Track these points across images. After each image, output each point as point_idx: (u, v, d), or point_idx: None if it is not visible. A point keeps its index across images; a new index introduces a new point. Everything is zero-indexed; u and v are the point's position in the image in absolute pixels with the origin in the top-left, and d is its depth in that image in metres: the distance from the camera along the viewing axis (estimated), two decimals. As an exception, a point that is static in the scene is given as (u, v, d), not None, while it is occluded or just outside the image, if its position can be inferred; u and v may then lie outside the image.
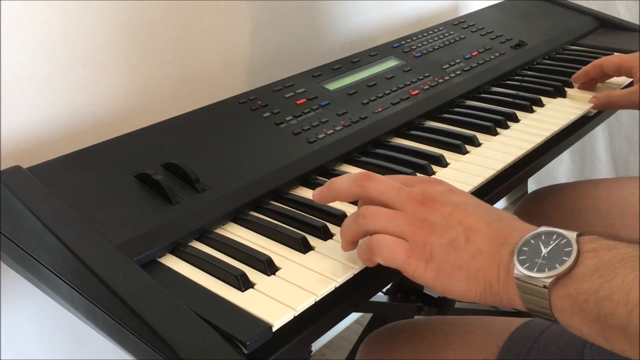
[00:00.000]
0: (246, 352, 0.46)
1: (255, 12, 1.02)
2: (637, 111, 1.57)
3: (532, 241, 0.46)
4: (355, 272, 0.55)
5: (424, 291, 1.25)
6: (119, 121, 0.87)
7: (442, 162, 0.73)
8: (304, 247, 0.58)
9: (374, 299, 1.16)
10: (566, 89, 0.95)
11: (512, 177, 0.74)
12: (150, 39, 0.89)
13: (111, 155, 0.67)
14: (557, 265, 0.44)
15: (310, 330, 0.51)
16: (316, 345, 1.47)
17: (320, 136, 0.75)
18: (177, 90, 0.94)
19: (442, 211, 0.51)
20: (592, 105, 0.87)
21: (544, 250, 0.45)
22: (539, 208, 0.98)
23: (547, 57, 1.08)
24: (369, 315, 1.23)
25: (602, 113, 0.92)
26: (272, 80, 0.86)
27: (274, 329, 0.48)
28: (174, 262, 0.57)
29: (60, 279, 0.55)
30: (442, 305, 1.21)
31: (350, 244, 0.54)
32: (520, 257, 0.46)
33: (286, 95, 0.82)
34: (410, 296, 1.23)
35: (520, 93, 0.93)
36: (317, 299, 0.52)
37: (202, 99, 0.80)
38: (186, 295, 0.52)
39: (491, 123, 0.82)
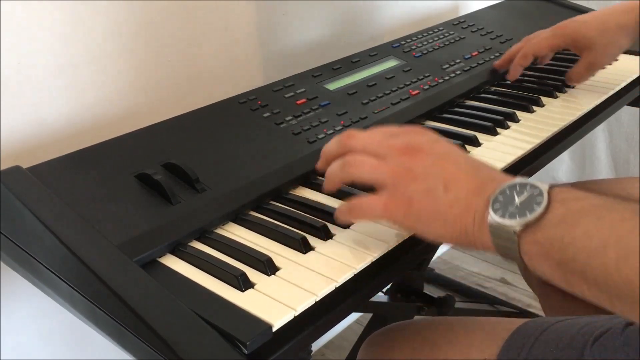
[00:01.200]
0: (246, 352, 0.46)
1: (255, 12, 1.02)
2: (638, 111, 1.57)
3: (507, 191, 0.49)
4: (355, 272, 0.55)
5: (424, 291, 1.25)
6: (119, 121, 0.87)
7: (442, 162, 0.73)
8: (304, 247, 0.58)
9: (374, 299, 1.16)
10: (566, 89, 0.95)
11: (512, 177, 0.74)
12: (150, 39, 0.89)
13: (111, 155, 0.67)
14: (527, 213, 0.46)
15: (310, 330, 0.51)
16: (316, 345, 1.47)
17: (320, 136, 0.75)
18: (177, 90, 0.94)
19: (424, 160, 0.53)
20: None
21: (517, 200, 0.48)
22: None
23: (547, 57, 1.08)
24: (369, 315, 1.23)
25: (602, 112, 0.92)
26: (272, 80, 0.86)
27: (274, 329, 0.48)
28: (174, 262, 0.57)
29: (60, 279, 0.55)
30: (442, 305, 1.21)
31: (334, 188, 0.58)
32: (495, 205, 0.48)
33: (286, 95, 0.82)
34: (410, 296, 1.23)
35: (520, 93, 0.93)
36: (317, 299, 0.52)
37: (202, 99, 0.80)
38: (186, 295, 0.52)
39: (491, 123, 0.82)
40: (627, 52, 1.08)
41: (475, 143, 0.78)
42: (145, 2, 0.87)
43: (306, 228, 0.61)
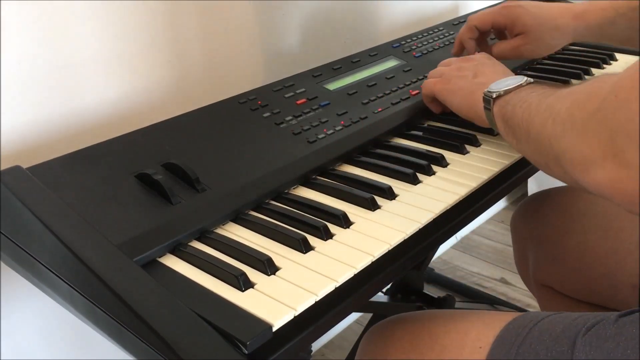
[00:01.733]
0: (246, 352, 0.46)
1: (255, 12, 1.02)
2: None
3: (505, 80, 0.69)
4: (356, 272, 0.55)
5: (424, 291, 1.25)
6: (119, 121, 0.87)
7: (442, 162, 0.73)
8: (304, 247, 0.58)
9: (374, 299, 1.17)
10: (566, 89, 0.95)
11: (512, 177, 0.74)
12: (150, 39, 0.89)
13: (111, 155, 0.67)
14: (501, 87, 0.68)
15: (310, 330, 0.51)
16: (316, 345, 1.47)
17: (320, 136, 0.75)
18: (177, 90, 0.94)
19: (470, 63, 0.80)
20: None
21: (506, 82, 0.69)
22: (538, 211, 0.99)
23: (547, 57, 1.08)
24: (369, 315, 1.23)
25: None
26: (272, 80, 0.86)
27: (274, 329, 0.48)
28: (174, 262, 0.57)
29: (60, 279, 0.55)
30: (442, 305, 1.21)
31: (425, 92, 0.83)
32: (492, 86, 0.69)
33: (286, 95, 0.82)
34: (410, 296, 1.23)
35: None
36: (317, 299, 0.52)
37: (202, 99, 0.80)
38: (186, 295, 0.52)
39: (491, 123, 0.82)
40: (627, 52, 1.08)
41: (475, 143, 0.78)
42: (145, 2, 0.87)
43: (306, 228, 0.61)
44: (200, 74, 0.97)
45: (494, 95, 0.68)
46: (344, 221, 0.62)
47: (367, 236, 0.60)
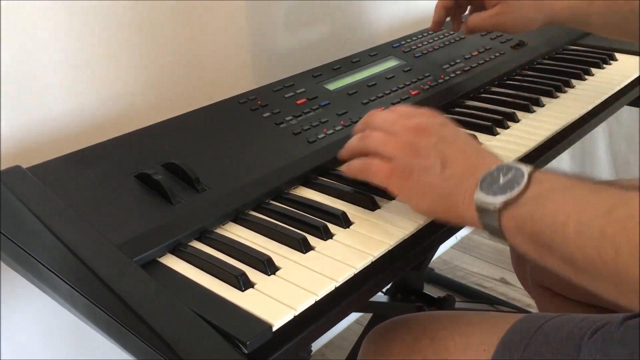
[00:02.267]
0: (246, 351, 0.46)
1: (255, 12, 1.02)
2: (638, 111, 1.57)
3: (495, 172, 0.54)
4: (356, 272, 0.55)
5: (424, 291, 1.25)
6: (119, 121, 0.87)
7: (442, 162, 0.73)
8: (304, 247, 0.58)
9: (374, 299, 1.16)
10: (566, 88, 0.95)
11: (512, 177, 0.74)
12: (151, 39, 0.89)
13: (111, 155, 0.67)
14: (508, 191, 0.52)
15: (310, 330, 0.51)
16: (316, 345, 1.47)
17: (320, 136, 0.75)
18: (177, 90, 0.94)
19: (428, 139, 0.60)
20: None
21: (502, 180, 0.53)
22: None
23: (547, 57, 1.08)
24: (369, 315, 1.23)
25: (602, 112, 0.92)
26: (272, 80, 0.86)
27: (274, 329, 0.48)
28: (174, 262, 0.57)
29: (60, 279, 0.55)
30: (442, 305, 1.21)
31: (349, 156, 0.65)
32: (482, 185, 0.54)
33: (286, 95, 0.82)
34: (410, 296, 1.23)
35: (520, 93, 0.92)
36: (317, 299, 0.52)
37: (202, 99, 0.80)
38: (186, 295, 0.52)
39: (491, 123, 0.82)
40: (627, 52, 1.08)
41: (475, 143, 0.78)
42: (145, 2, 0.87)
43: (306, 228, 0.61)
44: (200, 73, 0.97)
45: (498, 206, 0.52)
46: (344, 221, 0.62)
47: (367, 236, 0.60)
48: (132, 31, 0.86)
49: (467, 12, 0.95)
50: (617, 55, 1.08)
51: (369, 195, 0.65)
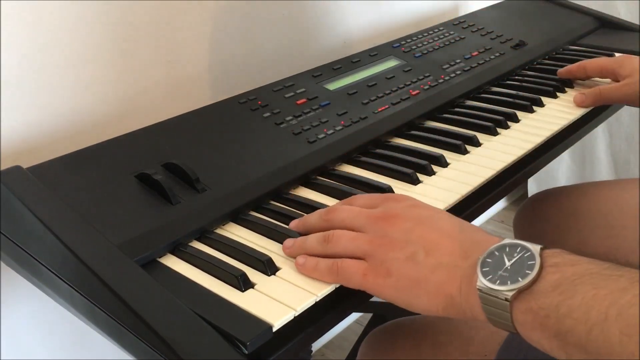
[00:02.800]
0: (246, 352, 0.46)
1: (254, 12, 1.02)
2: (638, 111, 1.57)
3: (496, 253, 0.47)
4: (355, 272, 0.55)
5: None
6: (119, 121, 0.87)
7: (442, 162, 0.73)
8: (304, 247, 0.58)
9: (374, 299, 1.16)
10: (566, 89, 0.95)
11: (512, 177, 0.74)
12: (150, 39, 0.89)
13: (111, 155, 0.67)
14: (519, 279, 0.44)
15: (310, 330, 0.51)
16: (316, 345, 1.47)
17: (321, 136, 0.75)
18: (176, 90, 0.94)
19: (402, 226, 0.51)
20: (579, 103, 0.88)
21: (508, 263, 0.45)
22: (540, 212, 0.99)
23: (547, 57, 1.08)
24: (369, 315, 1.23)
25: (602, 113, 0.92)
26: (272, 80, 0.86)
27: (274, 329, 0.48)
28: (174, 262, 0.57)
29: (60, 279, 0.55)
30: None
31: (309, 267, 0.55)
32: (484, 269, 0.46)
33: (286, 95, 0.82)
34: (410, 296, 1.22)
35: (521, 93, 0.93)
36: (317, 299, 0.52)
37: (202, 99, 0.80)
38: (186, 295, 0.52)
39: (491, 123, 0.82)
40: (627, 52, 1.08)
41: (475, 143, 0.78)
42: (145, 2, 0.87)
43: (306, 228, 0.61)
44: (200, 73, 0.97)
45: (509, 297, 0.44)
46: (344, 221, 0.62)
47: (367, 236, 0.60)
48: (132, 31, 0.86)
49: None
50: (618, 55, 1.08)
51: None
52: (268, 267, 0.55)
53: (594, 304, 0.41)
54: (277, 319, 0.49)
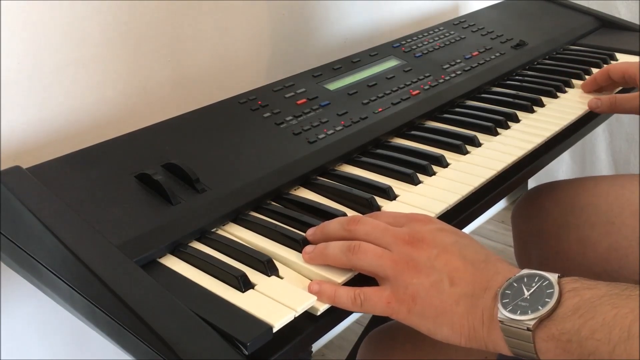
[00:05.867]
0: (247, 352, 0.46)
1: (255, 12, 1.02)
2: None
3: (515, 284, 0.47)
4: (356, 273, 0.55)
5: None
6: (119, 121, 0.87)
7: (442, 163, 0.73)
8: (304, 247, 0.58)
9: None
10: (567, 88, 0.95)
11: (513, 177, 0.74)
12: (151, 38, 0.89)
13: (111, 155, 0.67)
14: (539, 307, 0.45)
15: (310, 331, 0.51)
16: (316, 346, 1.47)
17: (321, 136, 0.75)
18: (177, 90, 0.94)
19: (428, 252, 0.51)
20: (593, 108, 0.87)
21: (527, 293, 0.46)
22: (539, 205, 0.98)
23: (547, 57, 1.08)
24: (369, 315, 1.23)
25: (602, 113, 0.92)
26: (272, 80, 0.86)
27: (274, 330, 0.48)
28: (174, 263, 0.57)
29: (60, 279, 0.55)
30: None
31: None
32: (504, 301, 0.46)
33: (286, 95, 0.82)
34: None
35: (521, 93, 0.93)
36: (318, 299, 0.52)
37: (202, 99, 0.80)
38: (186, 295, 0.52)
39: (491, 123, 0.82)
40: (627, 52, 1.08)
41: (476, 143, 0.78)
42: (145, 2, 0.86)
43: (306, 228, 0.60)
44: (200, 73, 0.97)
45: (531, 326, 0.44)
46: (344, 221, 0.62)
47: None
48: (132, 31, 0.86)
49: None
50: (618, 55, 1.08)
51: (369, 196, 0.65)
52: (268, 267, 0.55)
53: (616, 323, 0.41)
54: (278, 319, 0.49)
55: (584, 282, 0.46)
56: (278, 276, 0.55)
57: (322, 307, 0.52)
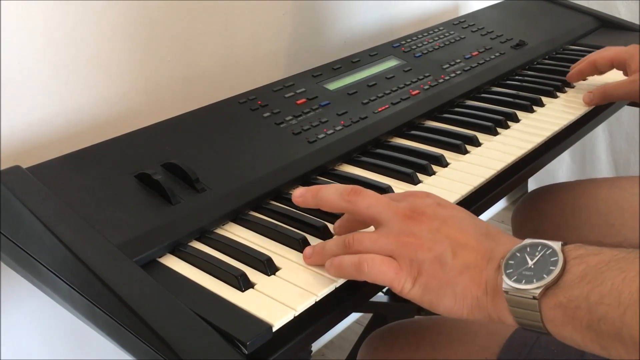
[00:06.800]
0: (246, 352, 0.46)
1: (255, 12, 1.02)
2: (638, 111, 1.57)
3: (518, 254, 0.47)
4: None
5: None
6: (119, 121, 0.87)
7: (442, 162, 0.73)
8: (304, 247, 0.58)
9: (374, 299, 1.16)
10: (566, 88, 0.95)
11: (512, 177, 0.74)
12: (151, 39, 0.89)
13: (111, 155, 0.67)
14: (544, 276, 0.44)
15: (310, 330, 0.51)
16: (316, 345, 1.47)
17: (320, 136, 0.75)
18: (177, 90, 0.94)
19: (429, 225, 0.51)
20: (587, 102, 0.87)
21: (530, 262, 0.45)
22: (539, 208, 0.98)
23: (547, 57, 1.08)
24: (369, 315, 1.23)
25: (602, 112, 0.92)
26: (272, 80, 0.86)
27: (274, 329, 0.48)
28: (174, 262, 0.57)
29: (60, 279, 0.55)
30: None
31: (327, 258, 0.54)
32: (508, 271, 0.46)
33: (286, 95, 0.82)
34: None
35: (521, 93, 0.93)
36: (317, 299, 0.52)
37: (202, 99, 0.80)
38: (186, 295, 0.52)
39: (491, 123, 0.82)
40: (627, 52, 1.08)
41: (476, 143, 0.78)
42: (145, 2, 0.87)
43: (306, 228, 0.61)
44: (200, 73, 0.97)
45: (537, 294, 0.44)
46: (344, 221, 0.62)
47: (367, 236, 0.60)
48: (132, 31, 0.86)
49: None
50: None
51: (369, 195, 0.65)
52: (268, 267, 0.55)
53: (625, 287, 0.40)
54: (277, 319, 0.49)
55: (588, 248, 0.45)
56: (278, 276, 0.55)
57: (320, 293, 0.51)
